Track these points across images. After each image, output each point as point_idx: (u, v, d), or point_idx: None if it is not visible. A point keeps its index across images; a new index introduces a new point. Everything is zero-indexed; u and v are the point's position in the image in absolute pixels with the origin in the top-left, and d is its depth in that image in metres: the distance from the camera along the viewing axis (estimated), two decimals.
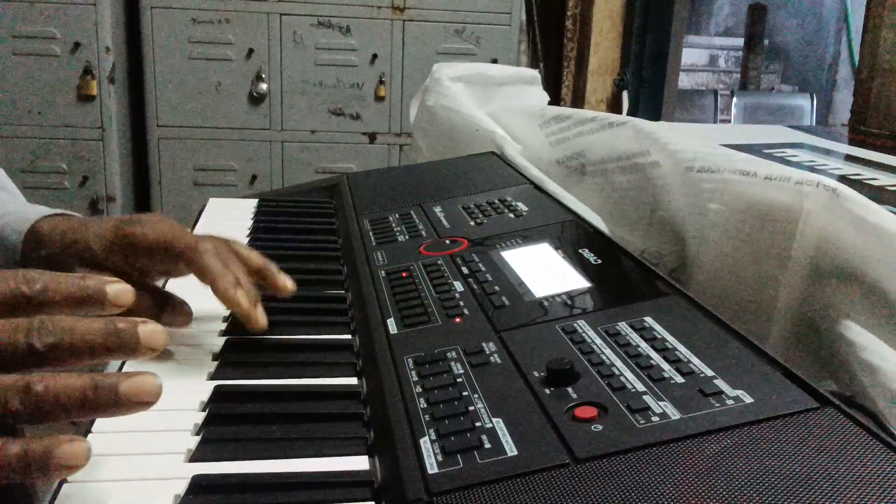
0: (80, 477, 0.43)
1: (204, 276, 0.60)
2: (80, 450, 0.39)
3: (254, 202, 1.02)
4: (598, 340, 0.52)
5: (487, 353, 0.53)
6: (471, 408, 0.46)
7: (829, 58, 5.93)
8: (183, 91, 2.66)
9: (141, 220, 0.61)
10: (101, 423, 0.48)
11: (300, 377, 0.56)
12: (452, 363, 0.52)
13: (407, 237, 0.81)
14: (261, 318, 0.61)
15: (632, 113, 3.05)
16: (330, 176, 1.47)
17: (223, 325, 0.64)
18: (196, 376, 0.56)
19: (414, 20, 2.74)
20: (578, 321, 0.55)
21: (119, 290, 0.44)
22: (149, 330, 0.42)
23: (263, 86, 2.69)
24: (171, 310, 0.61)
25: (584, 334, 0.53)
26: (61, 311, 0.43)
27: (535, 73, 1.42)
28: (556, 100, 3.00)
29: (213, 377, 0.56)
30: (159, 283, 0.65)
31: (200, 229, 0.91)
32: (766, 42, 5.91)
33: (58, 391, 0.39)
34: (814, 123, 4.60)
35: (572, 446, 0.41)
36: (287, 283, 0.65)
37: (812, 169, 1.07)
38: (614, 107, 3.11)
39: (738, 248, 0.69)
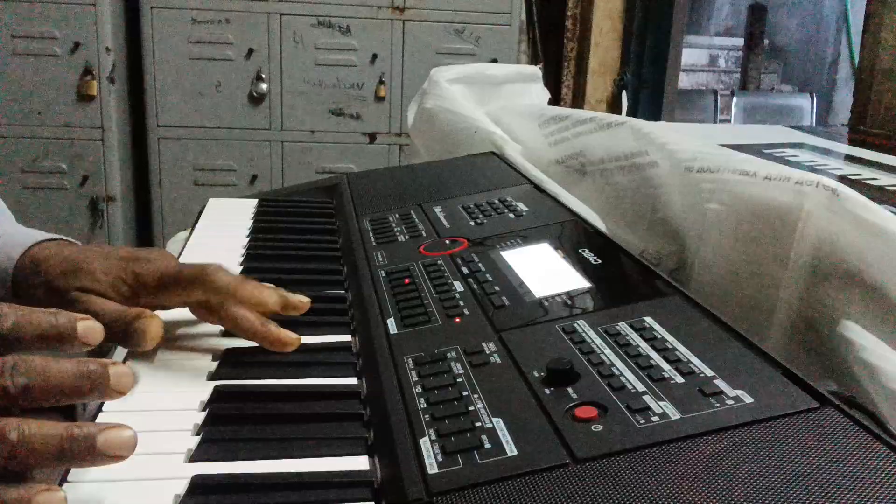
0: (81, 477, 0.43)
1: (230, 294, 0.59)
2: (55, 500, 0.38)
3: (254, 202, 1.02)
4: (598, 340, 0.52)
5: (487, 353, 0.53)
6: (471, 408, 0.46)
7: (829, 58, 5.93)
8: (183, 91, 2.66)
9: (148, 259, 0.62)
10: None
11: (300, 377, 0.56)
12: (452, 363, 0.52)
13: (407, 237, 0.81)
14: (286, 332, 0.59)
15: (632, 113, 3.04)
16: (330, 176, 1.47)
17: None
18: (196, 376, 0.56)
19: (414, 20, 2.74)
20: (578, 321, 0.55)
21: (88, 327, 0.44)
22: (118, 372, 0.42)
23: (263, 86, 2.69)
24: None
25: (584, 334, 0.53)
26: (31, 348, 0.42)
27: (535, 70, 1.41)
28: (556, 100, 3.00)
29: (213, 377, 0.56)
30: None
31: (200, 229, 0.91)
32: (766, 42, 5.91)
33: (33, 440, 0.38)
34: (814, 123, 4.59)
35: (572, 446, 0.41)
36: (303, 298, 0.63)
37: (812, 169, 1.07)
38: (614, 107, 3.11)
39: (737, 249, 0.69)
